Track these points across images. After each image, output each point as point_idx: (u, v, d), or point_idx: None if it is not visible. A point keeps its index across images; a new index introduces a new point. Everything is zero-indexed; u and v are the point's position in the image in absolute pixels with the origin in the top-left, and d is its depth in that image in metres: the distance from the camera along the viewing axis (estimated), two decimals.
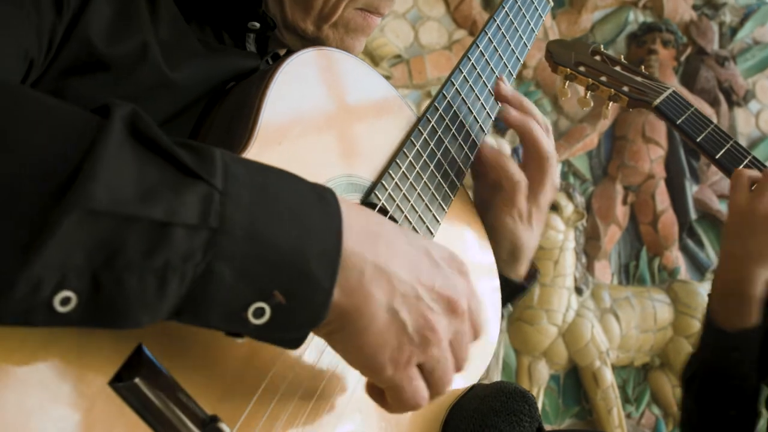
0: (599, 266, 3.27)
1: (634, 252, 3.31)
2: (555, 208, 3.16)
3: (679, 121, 1.62)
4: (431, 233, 0.95)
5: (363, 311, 0.66)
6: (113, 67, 0.81)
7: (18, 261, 0.53)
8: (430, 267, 0.71)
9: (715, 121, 3.44)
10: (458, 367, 0.74)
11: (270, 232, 0.61)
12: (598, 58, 1.67)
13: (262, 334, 0.63)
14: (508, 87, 1.09)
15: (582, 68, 1.63)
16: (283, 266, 0.61)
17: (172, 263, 0.57)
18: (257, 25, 0.96)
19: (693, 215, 3.41)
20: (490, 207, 1.08)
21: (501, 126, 3.16)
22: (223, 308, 0.60)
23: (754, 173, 1.53)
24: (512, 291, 1.12)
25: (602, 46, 1.71)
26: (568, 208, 3.17)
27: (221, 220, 0.59)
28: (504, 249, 1.09)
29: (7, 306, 0.53)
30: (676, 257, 3.31)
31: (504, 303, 1.06)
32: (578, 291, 3.17)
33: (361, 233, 0.67)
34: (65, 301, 0.55)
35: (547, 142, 1.07)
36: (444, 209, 0.98)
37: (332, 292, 0.63)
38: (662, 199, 3.35)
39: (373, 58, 3.06)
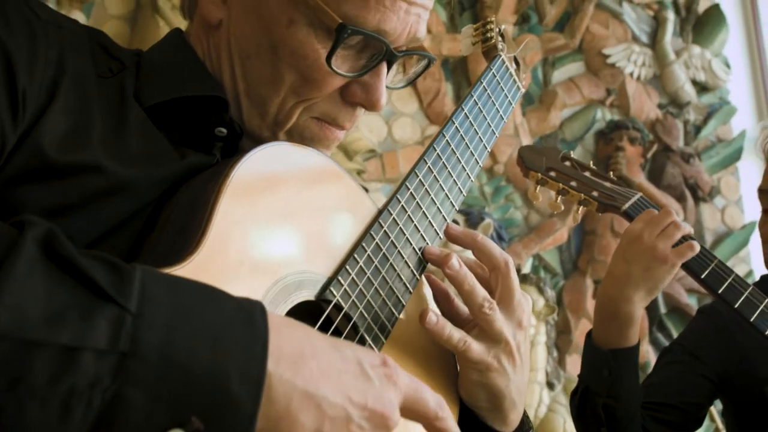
0: (570, 360, 3.28)
1: None
2: None
3: None
4: (388, 330, 0.93)
5: None
6: (64, 175, 0.80)
7: None
8: (362, 382, 0.70)
9: (681, 215, 3.52)
10: None
11: (185, 355, 0.59)
12: (568, 163, 1.70)
13: None
14: (456, 228, 1.02)
15: (553, 173, 1.66)
16: (200, 389, 0.59)
17: (77, 389, 0.55)
18: (224, 131, 0.94)
19: (662, 309, 3.44)
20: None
21: (473, 220, 3.20)
22: None
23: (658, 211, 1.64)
24: None
25: (571, 152, 1.75)
26: (539, 302, 3.19)
27: (132, 344, 0.57)
28: (480, 400, 0.97)
29: None
30: (646, 351, 3.32)
31: None
32: (550, 386, 3.17)
33: (290, 357, 0.65)
34: None
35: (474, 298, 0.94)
36: (402, 303, 0.96)
37: (256, 416, 0.61)
38: None
39: (347, 152, 3.10)
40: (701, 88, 3.79)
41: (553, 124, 3.49)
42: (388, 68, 0.97)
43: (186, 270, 0.73)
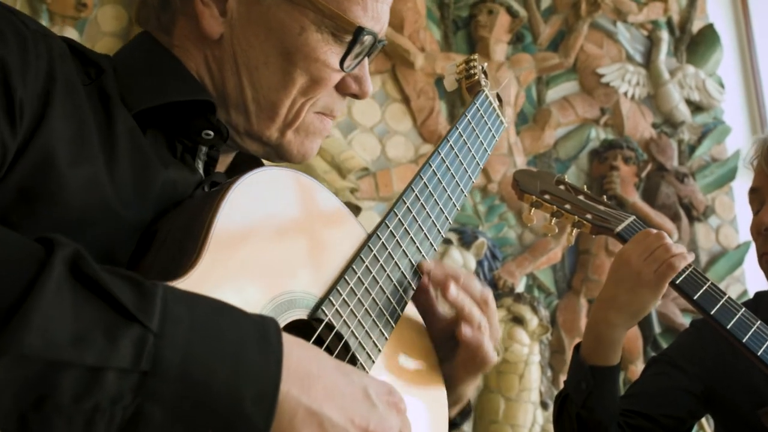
0: (565, 380, 3.26)
1: None
2: (520, 321, 3.16)
3: None
4: (378, 349, 0.96)
5: None
6: (66, 189, 0.81)
7: None
8: (366, 407, 0.74)
9: (676, 235, 3.52)
10: None
11: (204, 374, 0.62)
12: (562, 187, 1.71)
13: None
14: (428, 263, 1.05)
15: (547, 196, 1.67)
16: (217, 407, 0.62)
17: (100, 406, 0.58)
18: (211, 134, 0.98)
19: (657, 329, 3.43)
20: (446, 359, 1.04)
21: (467, 239, 3.19)
22: None
23: (653, 232, 1.63)
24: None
25: (566, 173, 1.75)
26: (533, 321, 3.18)
27: (154, 362, 0.60)
28: (449, 397, 1.06)
29: None
30: (640, 371, 3.31)
31: None
32: (544, 405, 3.15)
33: (299, 375, 0.69)
34: None
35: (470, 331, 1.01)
36: (392, 325, 0.99)
37: None
38: None
39: (340, 170, 3.10)
40: (695, 107, 3.79)
41: (547, 143, 3.49)
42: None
43: (183, 286, 0.74)
